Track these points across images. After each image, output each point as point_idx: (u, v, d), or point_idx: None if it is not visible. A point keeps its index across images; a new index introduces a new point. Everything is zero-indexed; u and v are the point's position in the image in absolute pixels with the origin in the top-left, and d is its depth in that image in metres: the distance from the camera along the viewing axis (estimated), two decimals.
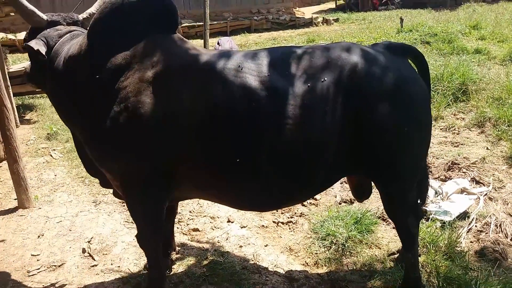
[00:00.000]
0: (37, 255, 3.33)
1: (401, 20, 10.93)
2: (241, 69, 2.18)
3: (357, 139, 2.21)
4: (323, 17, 17.83)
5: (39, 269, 3.14)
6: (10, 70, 6.58)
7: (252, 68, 2.19)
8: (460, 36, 9.80)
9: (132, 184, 2.34)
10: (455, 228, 3.43)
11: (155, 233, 2.49)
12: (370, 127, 2.20)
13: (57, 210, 4.03)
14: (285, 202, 2.50)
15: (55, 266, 3.17)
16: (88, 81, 2.28)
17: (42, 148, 5.64)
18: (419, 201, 2.79)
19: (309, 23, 17.21)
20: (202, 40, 8.83)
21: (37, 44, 2.42)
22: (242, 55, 2.27)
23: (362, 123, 2.18)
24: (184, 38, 2.43)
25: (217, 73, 2.18)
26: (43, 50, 2.42)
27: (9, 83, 6.31)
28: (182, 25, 14.52)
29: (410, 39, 9.67)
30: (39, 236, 3.59)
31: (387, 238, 3.34)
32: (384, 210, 2.80)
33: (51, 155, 5.37)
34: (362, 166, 2.32)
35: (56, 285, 2.94)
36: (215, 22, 15.30)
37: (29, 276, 3.07)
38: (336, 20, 17.45)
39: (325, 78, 2.17)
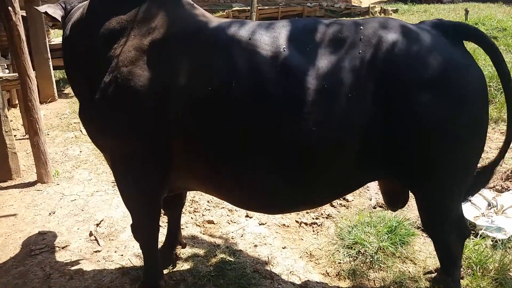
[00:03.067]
0: (44, 233, 3.17)
1: (466, 12, 10.03)
2: (253, 40, 1.82)
3: (389, 136, 1.80)
4: (381, 7, 16.94)
5: (42, 248, 2.98)
6: (52, 43, 6.57)
7: (266, 41, 1.83)
8: None
9: (123, 167, 2.07)
10: (509, 248, 2.90)
11: (150, 224, 2.21)
12: (407, 122, 1.77)
13: (74, 187, 3.88)
14: (292, 206, 2.12)
15: (58, 247, 2.99)
16: (85, 49, 2.04)
17: (74, 123, 5.57)
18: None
19: (365, 12, 16.39)
20: None
21: (49, 7, 2.25)
22: (257, 25, 1.91)
23: (397, 116, 1.77)
24: (194, 4, 2.10)
25: (223, 44, 1.84)
26: (57, 14, 2.27)
27: (49, 55, 6.32)
28: (233, 8, 14.25)
29: None
30: (50, 214, 3.45)
31: (425, 252, 2.87)
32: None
33: (81, 131, 5.28)
34: (395, 169, 1.90)
35: (55, 268, 2.75)
36: (266, 7, 14.88)
37: (30, 255, 2.91)
38: (395, 11, 16.51)
39: (355, 59, 1.77)
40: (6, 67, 5.39)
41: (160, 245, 2.69)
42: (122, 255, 2.87)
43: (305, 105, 1.73)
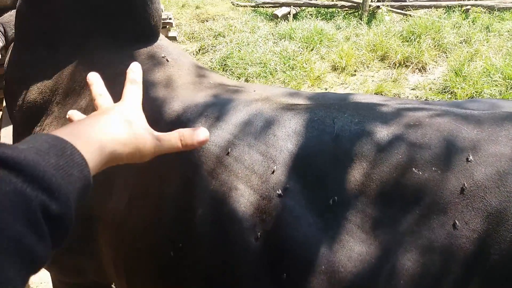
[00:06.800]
0: None
1: None
2: (231, 160, 0.88)
3: None
4: None
5: None
6: None
7: (253, 166, 0.86)
8: None
9: None
10: None
11: None
12: None
13: None
14: None
15: None
16: (15, 117, 1.38)
17: None
18: None
19: None
20: None
21: None
22: (244, 122, 0.92)
23: None
24: (165, 51, 1.24)
25: (180, 163, 0.94)
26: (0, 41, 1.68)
27: None
28: None
29: None
30: None
31: None
32: None
33: None
34: None
35: None
36: None
37: None
38: None
39: (443, 244, 0.73)
40: None
41: None
42: None
43: None
